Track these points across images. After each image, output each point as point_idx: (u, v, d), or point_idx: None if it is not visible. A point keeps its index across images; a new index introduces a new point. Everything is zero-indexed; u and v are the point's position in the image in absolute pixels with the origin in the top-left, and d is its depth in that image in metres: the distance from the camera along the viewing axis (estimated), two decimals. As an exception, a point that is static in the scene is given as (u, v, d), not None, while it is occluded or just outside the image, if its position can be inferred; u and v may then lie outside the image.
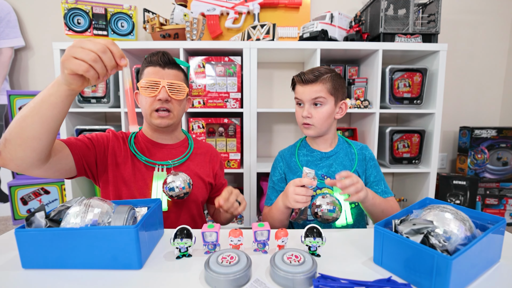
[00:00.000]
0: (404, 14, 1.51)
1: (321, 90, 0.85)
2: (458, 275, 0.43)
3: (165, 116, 0.83)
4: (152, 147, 0.89)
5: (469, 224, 0.49)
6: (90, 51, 0.50)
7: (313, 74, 0.85)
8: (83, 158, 0.75)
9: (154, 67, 0.82)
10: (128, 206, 0.56)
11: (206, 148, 0.99)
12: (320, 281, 0.45)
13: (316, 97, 0.85)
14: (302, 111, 0.88)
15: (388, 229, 0.52)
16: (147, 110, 0.83)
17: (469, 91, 1.93)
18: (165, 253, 0.58)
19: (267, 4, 1.74)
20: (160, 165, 0.85)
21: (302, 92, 0.87)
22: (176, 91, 0.82)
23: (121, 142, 0.86)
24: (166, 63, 0.83)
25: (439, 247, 0.46)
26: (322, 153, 0.93)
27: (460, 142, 1.83)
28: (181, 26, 1.49)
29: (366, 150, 0.96)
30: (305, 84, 0.86)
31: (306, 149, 0.97)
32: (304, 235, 0.56)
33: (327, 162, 0.92)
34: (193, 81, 1.51)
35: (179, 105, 0.85)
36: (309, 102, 0.87)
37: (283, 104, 1.88)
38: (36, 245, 0.51)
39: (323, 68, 0.87)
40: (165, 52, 0.84)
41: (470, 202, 1.69)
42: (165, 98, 0.80)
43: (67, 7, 1.48)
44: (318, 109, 0.87)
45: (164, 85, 0.80)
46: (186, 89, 0.85)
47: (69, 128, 1.52)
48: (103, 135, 0.84)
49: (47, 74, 1.81)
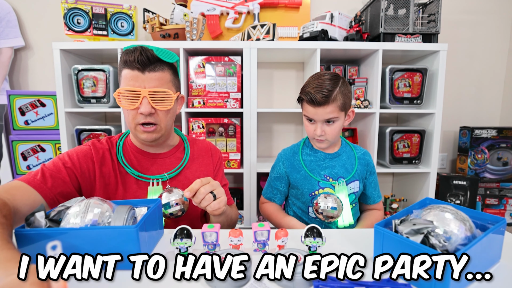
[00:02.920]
0: (404, 14, 1.51)
1: (333, 110, 0.83)
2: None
3: (151, 131, 0.72)
4: (143, 159, 0.79)
5: (469, 224, 0.49)
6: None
7: (322, 95, 0.81)
8: (58, 196, 0.66)
9: (132, 70, 0.68)
10: (128, 206, 0.55)
11: (205, 147, 0.90)
12: (320, 281, 0.45)
13: (330, 118, 0.84)
14: (314, 127, 0.87)
15: (388, 229, 0.51)
16: (130, 123, 0.72)
17: (469, 91, 1.93)
18: (165, 253, 0.58)
19: (267, 4, 1.74)
20: (154, 179, 0.76)
21: (314, 113, 0.85)
22: (160, 101, 0.70)
23: (107, 156, 0.76)
24: (146, 65, 0.68)
25: (439, 247, 0.46)
26: (326, 154, 0.94)
27: (460, 142, 1.83)
28: (181, 26, 1.49)
29: (369, 157, 0.98)
30: (316, 106, 0.83)
31: (309, 148, 0.97)
32: (304, 235, 0.55)
33: (330, 163, 0.93)
34: (193, 81, 1.51)
35: (166, 114, 0.73)
36: (321, 122, 0.86)
37: (283, 104, 1.88)
38: (36, 245, 0.51)
39: (329, 82, 0.83)
40: (144, 48, 0.68)
41: (470, 202, 1.68)
42: (148, 112, 0.69)
43: (67, 7, 1.48)
44: (330, 126, 0.86)
45: (146, 95, 0.68)
46: (173, 95, 0.73)
47: (69, 128, 1.52)
48: (87, 157, 0.73)
49: (47, 74, 1.81)
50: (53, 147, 1.69)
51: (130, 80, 0.68)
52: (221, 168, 0.92)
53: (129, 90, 0.68)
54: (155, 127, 0.72)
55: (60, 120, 1.48)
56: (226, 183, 0.94)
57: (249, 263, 0.49)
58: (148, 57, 0.68)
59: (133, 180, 0.77)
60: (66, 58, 1.49)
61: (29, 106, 1.66)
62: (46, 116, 1.69)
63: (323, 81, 0.83)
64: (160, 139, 0.77)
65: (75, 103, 1.53)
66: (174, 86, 0.76)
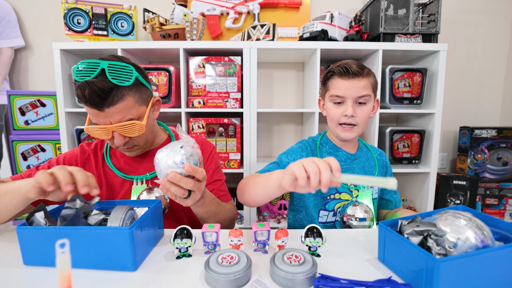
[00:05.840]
0: (404, 14, 1.51)
1: (367, 86, 0.75)
2: (453, 282, 0.42)
3: (131, 149, 0.73)
4: (131, 161, 0.80)
5: (486, 233, 0.45)
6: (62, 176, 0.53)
7: (357, 66, 0.73)
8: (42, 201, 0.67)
9: (90, 108, 0.63)
10: (126, 207, 0.55)
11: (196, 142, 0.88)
12: (320, 281, 0.45)
13: (363, 95, 0.75)
14: (344, 109, 0.76)
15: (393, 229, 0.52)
16: (110, 144, 0.75)
17: (469, 91, 1.93)
18: (165, 253, 0.58)
19: (267, 4, 1.74)
20: (138, 179, 0.76)
21: (347, 87, 0.74)
22: (131, 131, 0.67)
23: (91, 158, 0.78)
24: (100, 104, 0.61)
25: (436, 250, 0.45)
26: (349, 154, 0.85)
27: (460, 142, 1.83)
28: (181, 26, 1.49)
29: (385, 157, 0.92)
30: (351, 77, 0.74)
31: (329, 146, 0.87)
32: (304, 235, 0.55)
33: (351, 166, 0.85)
34: (193, 81, 1.51)
35: (142, 135, 0.72)
36: (353, 99, 0.75)
37: (283, 104, 1.88)
38: (36, 242, 0.51)
39: (357, 62, 0.76)
40: (91, 83, 0.59)
41: (470, 202, 1.68)
42: (122, 143, 0.69)
43: (67, 7, 1.48)
44: (362, 108, 0.76)
45: (114, 129, 0.65)
46: (142, 123, 0.67)
47: (69, 128, 1.52)
48: (71, 159, 0.77)
49: (47, 74, 1.81)
50: (53, 147, 1.69)
51: (93, 116, 0.65)
52: (214, 163, 0.87)
53: (96, 127, 0.65)
54: (133, 147, 0.74)
55: (60, 120, 1.49)
56: (220, 178, 0.87)
57: (249, 263, 0.49)
58: (99, 94, 0.60)
59: (120, 180, 0.78)
60: (66, 58, 1.49)
61: (29, 106, 1.66)
62: (46, 116, 1.69)
63: (350, 61, 0.78)
64: (144, 150, 0.79)
65: (75, 103, 1.53)
66: (142, 103, 0.70)
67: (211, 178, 0.85)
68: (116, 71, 0.62)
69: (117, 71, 0.63)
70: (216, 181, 0.86)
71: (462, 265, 0.42)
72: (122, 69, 0.64)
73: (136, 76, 0.66)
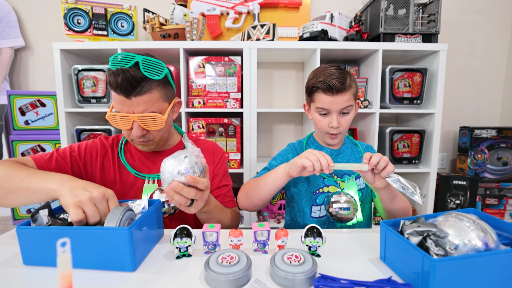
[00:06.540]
0: (404, 14, 1.51)
1: (350, 98, 0.80)
2: (450, 283, 0.41)
3: (146, 143, 0.75)
4: (145, 159, 0.82)
5: (490, 236, 0.44)
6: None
7: (339, 81, 0.77)
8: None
9: (118, 94, 0.66)
10: (124, 207, 0.55)
11: (207, 147, 0.89)
12: (320, 281, 0.45)
13: (346, 106, 0.80)
14: (329, 120, 0.82)
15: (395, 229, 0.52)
16: (125, 136, 0.76)
17: (469, 91, 1.93)
18: (164, 253, 0.58)
19: (267, 4, 1.74)
20: (150, 178, 0.78)
21: (332, 102, 0.80)
22: (151, 123, 0.69)
23: (109, 152, 0.80)
24: (130, 90, 0.65)
25: (434, 250, 0.45)
26: (332, 150, 0.92)
27: (460, 142, 1.83)
28: (181, 26, 1.49)
29: (372, 150, 0.96)
30: (335, 93, 0.79)
31: (315, 146, 0.94)
32: (304, 235, 0.55)
33: (335, 160, 0.90)
34: (193, 81, 1.51)
35: (159, 130, 0.74)
36: (337, 112, 0.81)
37: (283, 104, 1.88)
38: (36, 242, 0.51)
39: (339, 71, 0.80)
40: (126, 71, 0.64)
41: (470, 202, 1.68)
42: (140, 135, 0.70)
43: (67, 7, 1.48)
44: (345, 117, 0.83)
45: (135, 119, 0.68)
46: (164, 116, 0.71)
47: (69, 128, 1.52)
48: (92, 150, 0.79)
49: (47, 74, 1.81)
50: (53, 147, 1.69)
51: (118, 104, 0.68)
52: (223, 168, 0.90)
53: (119, 115, 0.68)
54: (148, 141, 0.75)
55: (60, 120, 1.49)
56: (227, 183, 0.90)
57: (249, 263, 0.49)
58: (131, 81, 0.64)
59: (132, 177, 0.79)
60: (66, 58, 1.49)
61: (29, 106, 1.66)
62: (46, 116, 1.69)
63: (332, 71, 0.80)
64: (157, 147, 0.79)
65: (75, 103, 1.53)
66: (166, 99, 0.73)
67: (220, 183, 0.87)
68: (149, 65, 0.67)
69: (150, 65, 0.67)
70: (224, 186, 0.88)
71: (459, 267, 0.41)
72: (155, 64, 0.68)
73: (166, 73, 0.71)
